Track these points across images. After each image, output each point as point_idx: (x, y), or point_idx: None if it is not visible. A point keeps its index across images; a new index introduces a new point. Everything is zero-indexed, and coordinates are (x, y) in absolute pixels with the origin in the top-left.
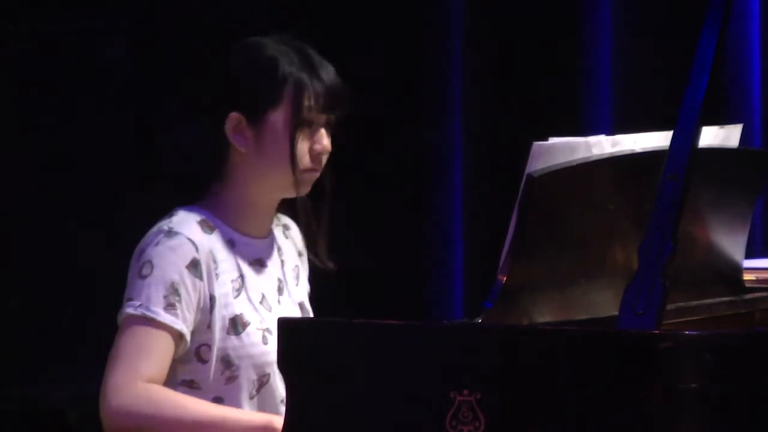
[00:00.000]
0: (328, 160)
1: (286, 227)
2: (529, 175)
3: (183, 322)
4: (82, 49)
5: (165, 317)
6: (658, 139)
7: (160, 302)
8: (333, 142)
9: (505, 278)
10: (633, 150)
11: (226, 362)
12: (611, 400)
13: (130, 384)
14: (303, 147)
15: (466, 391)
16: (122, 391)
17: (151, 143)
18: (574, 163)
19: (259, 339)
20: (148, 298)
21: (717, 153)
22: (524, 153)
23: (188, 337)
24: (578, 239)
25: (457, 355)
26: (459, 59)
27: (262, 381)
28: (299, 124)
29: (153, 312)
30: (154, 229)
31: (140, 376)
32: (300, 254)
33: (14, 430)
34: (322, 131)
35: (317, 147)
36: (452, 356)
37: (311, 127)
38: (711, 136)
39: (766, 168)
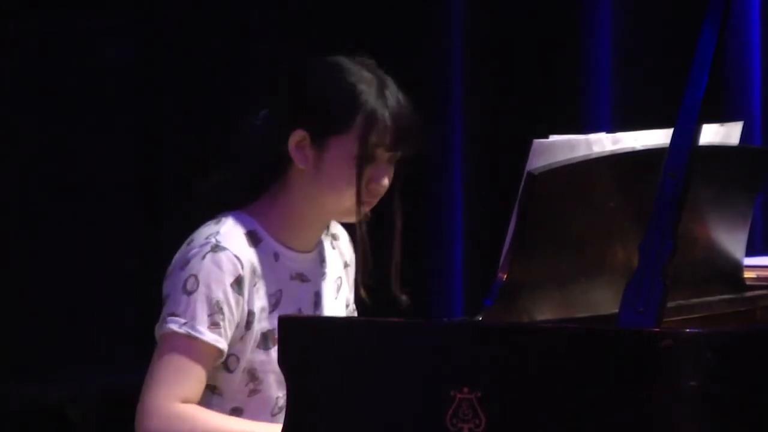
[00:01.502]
0: (399, 196)
1: (334, 237)
2: (530, 173)
3: (225, 339)
4: (82, 49)
5: (209, 336)
6: (659, 137)
7: (205, 321)
8: None
9: (505, 276)
10: (634, 148)
11: (252, 375)
12: (611, 398)
13: (166, 406)
14: (362, 180)
15: (466, 389)
16: (158, 415)
17: (152, 143)
18: (575, 161)
19: None
20: (193, 317)
21: (717, 151)
22: (524, 151)
23: (226, 353)
24: (578, 237)
25: (457, 353)
26: (459, 59)
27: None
28: (363, 160)
29: (198, 332)
30: (200, 239)
31: (177, 396)
32: (346, 265)
33: (15, 429)
34: (384, 169)
35: (374, 184)
36: (452, 354)
37: (374, 163)
38: (711, 134)
39: (767, 166)
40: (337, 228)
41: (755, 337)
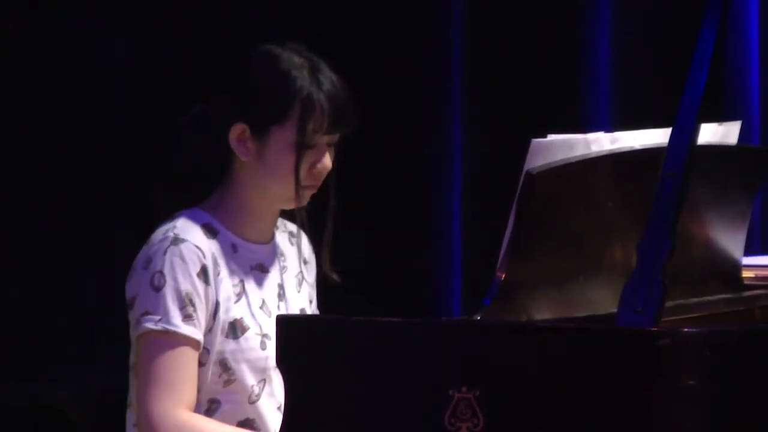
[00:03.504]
0: (334, 174)
1: (292, 234)
2: (528, 172)
3: (200, 330)
4: (82, 49)
5: (186, 329)
6: (658, 136)
7: (178, 315)
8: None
9: (503, 275)
10: (632, 147)
11: (224, 365)
12: (610, 398)
13: (175, 412)
14: (305, 167)
15: (464, 388)
16: (169, 421)
17: (152, 143)
18: (573, 160)
19: (257, 344)
20: (166, 312)
21: (716, 150)
22: (523, 150)
23: (203, 344)
24: (577, 236)
25: (455, 352)
26: (459, 59)
27: (261, 386)
28: (304, 147)
29: (174, 326)
30: (158, 235)
31: (181, 401)
32: (305, 262)
33: (15, 429)
34: (325, 151)
35: (318, 167)
36: (451, 353)
37: (314, 148)
38: (710, 133)
39: (765, 165)
40: (294, 226)
41: (754, 336)
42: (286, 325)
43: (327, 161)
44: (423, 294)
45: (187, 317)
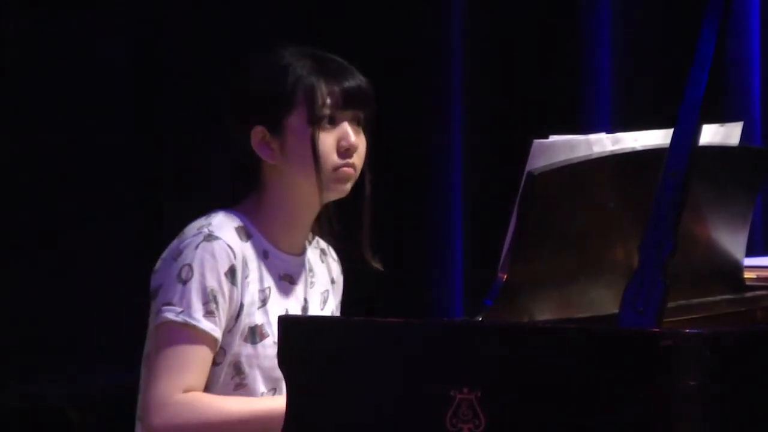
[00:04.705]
0: (367, 161)
1: (323, 252)
2: (530, 173)
3: (219, 328)
4: (82, 49)
5: (206, 325)
6: (659, 137)
7: (200, 309)
8: None
9: (505, 276)
10: (634, 148)
11: (238, 368)
12: (611, 398)
13: (170, 397)
14: (328, 145)
15: (466, 389)
16: (166, 406)
17: (152, 143)
18: (575, 161)
19: (274, 353)
20: (189, 305)
21: (717, 151)
22: (524, 151)
23: (220, 342)
24: (578, 237)
25: (457, 353)
26: (459, 58)
27: (271, 396)
28: (317, 122)
29: (194, 319)
30: (192, 230)
31: (182, 387)
32: (333, 281)
33: (15, 429)
34: (346, 127)
35: (343, 143)
36: (452, 354)
37: (333, 125)
38: (711, 134)
39: (766, 166)
40: (326, 245)
41: (755, 337)
42: (287, 325)
43: (351, 137)
44: (424, 295)
45: (208, 313)
